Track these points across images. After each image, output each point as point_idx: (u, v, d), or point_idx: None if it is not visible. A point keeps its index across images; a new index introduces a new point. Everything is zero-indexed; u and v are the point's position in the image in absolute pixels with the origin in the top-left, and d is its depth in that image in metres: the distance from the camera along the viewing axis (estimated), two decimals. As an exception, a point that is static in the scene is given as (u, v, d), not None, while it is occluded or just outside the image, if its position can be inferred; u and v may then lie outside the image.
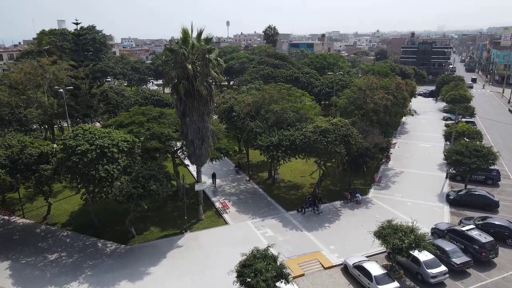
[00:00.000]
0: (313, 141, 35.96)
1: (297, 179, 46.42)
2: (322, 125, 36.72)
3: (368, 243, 30.85)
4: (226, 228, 34.87)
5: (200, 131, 32.85)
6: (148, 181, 29.06)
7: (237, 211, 38.20)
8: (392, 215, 36.01)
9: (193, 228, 35.06)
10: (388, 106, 44.66)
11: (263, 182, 45.62)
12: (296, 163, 51.40)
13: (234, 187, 44.32)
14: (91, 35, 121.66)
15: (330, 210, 38.25)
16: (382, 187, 43.76)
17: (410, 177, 46.33)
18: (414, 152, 55.90)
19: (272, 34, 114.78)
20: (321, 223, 35.58)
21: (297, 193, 42.47)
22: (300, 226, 35.02)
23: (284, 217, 36.72)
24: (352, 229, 34.39)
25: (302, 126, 39.68)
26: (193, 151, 33.50)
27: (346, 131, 36.75)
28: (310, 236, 33.24)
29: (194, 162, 34.38)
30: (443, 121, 73.94)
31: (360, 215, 37.14)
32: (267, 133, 40.21)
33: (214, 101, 33.15)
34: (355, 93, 44.88)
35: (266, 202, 40.26)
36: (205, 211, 38.24)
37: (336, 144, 35.63)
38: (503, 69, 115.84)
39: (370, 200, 40.34)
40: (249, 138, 41.89)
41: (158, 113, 39.16)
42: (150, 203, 40.01)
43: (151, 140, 34.98)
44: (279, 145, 38.22)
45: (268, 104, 42.85)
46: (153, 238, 33.39)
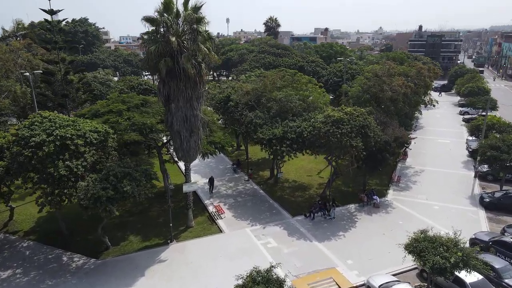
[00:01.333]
0: (324, 133, 30.09)
1: (303, 179, 40.57)
2: (335, 115, 30.85)
3: (393, 257, 25.07)
4: (220, 237, 29.03)
5: (188, 120, 27.03)
6: (121, 180, 23.22)
7: (233, 216, 32.35)
8: (418, 222, 30.30)
9: (180, 237, 29.21)
10: (407, 94, 38.79)
11: (264, 182, 39.79)
12: (302, 161, 45.54)
13: (231, 187, 38.49)
14: (83, 27, 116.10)
15: (344, 215, 32.39)
16: (402, 187, 37.90)
17: (433, 176, 40.46)
18: (432, 148, 50.02)
19: (273, 26, 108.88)
20: (334, 231, 29.72)
21: (304, 195, 36.62)
22: (309, 234, 29.17)
23: (289, 224, 30.88)
24: (372, 238, 28.53)
25: (310, 116, 33.83)
26: (179, 144, 27.67)
27: (363, 122, 30.87)
28: (322, 247, 27.39)
29: (182, 158, 28.53)
30: (460, 115, 68.06)
31: (379, 221, 31.28)
32: (269, 124, 34.36)
33: (204, 83, 27.27)
34: (370, 80, 39.02)
35: (268, 205, 34.42)
36: (196, 216, 32.42)
37: (352, 137, 29.75)
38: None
39: (390, 203, 34.48)
40: (248, 131, 36.03)
41: (141, 101, 33.31)
42: (133, 206, 34.53)
43: (131, 132, 29.13)
44: (283, 138, 32.36)
45: (270, 92, 36.99)
46: (132, 250, 27.54)
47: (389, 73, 39.03)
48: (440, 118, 66.91)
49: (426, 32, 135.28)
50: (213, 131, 34.70)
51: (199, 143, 28.49)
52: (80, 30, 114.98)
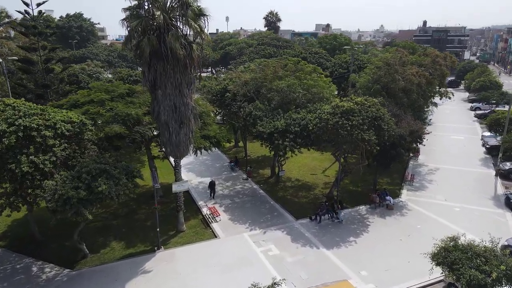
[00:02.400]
0: (333, 125, 26.56)
1: (307, 178, 37.04)
2: (344, 105, 27.33)
3: (414, 267, 21.69)
4: (214, 244, 25.50)
5: (177, 109, 23.55)
6: (96, 178, 19.68)
7: (230, 219, 28.83)
8: (438, 225, 26.89)
9: (169, 243, 25.69)
10: (421, 85, 35.23)
11: (264, 182, 36.26)
12: (305, 158, 42.08)
13: (228, 187, 34.96)
14: (77, 22, 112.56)
15: (354, 218, 28.86)
16: (416, 187, 34.36)
17: (449, 175, 36.93)
18: (445, 145, 46.47)
19: (273, 21, 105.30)
20: (343, 236, 26.19)
21: (308, 195, 33.09)
22: (315, 240, 25.64)
23: (292, 228, 27.36)
24: (388, 245, 25.01)
25: (315, 108, 30.32)
26: (168, 137, 24.16)
27: (376, 113, 27.35)
28: (331, 255, 23.86)
29: (171, 153, 25.03)
30: (471, 111, 64.52)
31: (394, 224, 27.76)
32: (270, 117, 30.84)
33: (196, 67, 23.74)
34: (381, 69, 35.47)
35: (269, 207, 30.89)
36: (188, 219, 28.92)
37: (364, 130, 26.23)
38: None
39: (405, 205, 30.94)
40: (247, 125, 32.51)
41: (127, 90, 29.80)
42: (119, 208, 31.01)
43: (113, 124, 25.61)
44: (285, 131, 28.85)
45: (271, 81, 33.46)
46: (113, 258, 24.02)
47: (401, 61, 35.47)
48: (450, 114, 63.34)
49: (430, 27, 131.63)
50: (208, 124, 31.17)
51: (191, 136, 24.97)
52: (75, 25, 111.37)
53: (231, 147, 47.15)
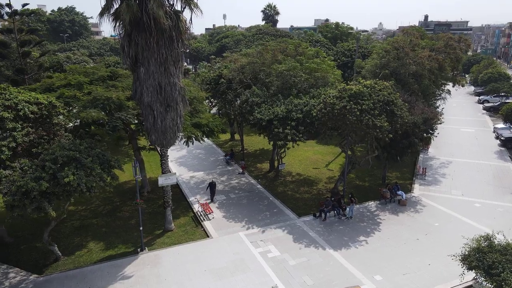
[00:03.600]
0: (339, 110, 23.51)
1: (309, 172, 33.98)
2: (352, 88, 24.30)
3: (436, 270, 18.74)
4: (206, 244, 22.39)
5: (163, 90, 20.47)
6: (62, 168, 16.55)
7: (224, 216, 25.76)
8: (459, 223, 23.95)
9: (154, 244, 22.58)
10: (433, 70, 32.21)
11: (263, 176, 33.18)
12: (306, 152, 39.12)
13: (223, 182, 31.84)
14: (69, 16, 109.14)
15: (363, 215, 25.82)
16: (429, 181, 31.36)
17: (464, 168, 33.95)
18: (456, 137, 43.52)
19: (272, 14, 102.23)
20: (352, 235, 23.15)
21: (311, 191, 30.03)
22: (320, 240, 22.59)
23: (294, 226, 24.30)
24: (404, 245, 21.97)
25: (319, 93, 27.30)
26: (152, 123, 21.07)
27: (388, 97, 24.33)
28: (339, 257, 20.80)
29: (156, 141, 21.86)
30: (479, 104, 61.65)
31: (409, 222, 24.73)
32: (268, 103, 27.79)
33: (184, 40, 20.62)
34: (390, 53, 32.44)
35: (268, 203, 27.83)
36: (178, 216, 25.86)
37: (375, 115, 23.20)
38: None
39: (418, 200, 27.93)
40: (243, 113, 29.42)
41: (108, 73, 26.68)
42: (100, 205, 27.86)
43: (90, 109, 22.46)
44: (286, 118, 25.81)
45: (269, 66, 30.39)
46: (89, 262, 20.89)
47: (411, 44, 32.43)
48: (457, 107, 60.44)
49: (432, 21, 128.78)
50: (200, 111, 28.07)
51: (179, 122, 21.88)
52: (66, 19, 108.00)
53: (227, 140, 44.13)
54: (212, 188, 27.84)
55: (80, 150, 17.77)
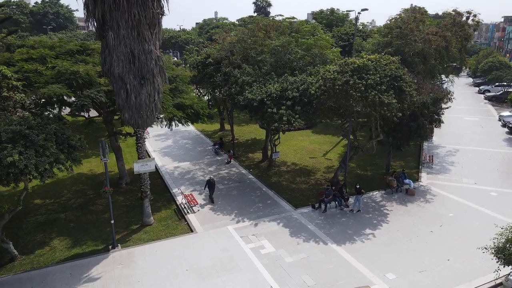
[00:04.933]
0: (341, 85, 20.62)
1: (305, 161, 31.08)
2: (356, 61, 21.44)
3: (456, 266, 16.03)
4: (189, 240, 19.34)
5: (136, 59, 17.42)
6: (5, 146, 13.38)
7: (211, 208, 22.73)
8: (475, 213, 21.44)
9: (129, 240, 19.49)
10: (440, 50, 29.50)
11: (255, 166, 30.21)
12: (302, 141, 36.28)
13: (211, 172, 28.79)
14: (54, 8, 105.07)
15: (368, 206, 22.97)
16: (436, 170, 28.66)
17: (473, 156, 31.35)
18: (461, 126, 41.03)
19: (264, 6, 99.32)
20: (357, 228, 20.28)
21: (309, 181, 27.13)
22: (321, 234, 19.68)
23: (291, 219, 21.37)
24: (416, 238, 19.15)
25: (317, 70, 24.41)
26: (125, 98, 18.00)
27: (396, 72, 21.49)
28: (343, 253, 17.93)
29: (130, 121, 18.75)
30: (480, 94, 59.35)
31: (420, 213, 21.93)
32: (261, 82, 24.82)
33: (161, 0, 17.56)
34: (392, 30, 29.67)
35: (261, 194, 24.87)
36: (159, 209, 22.79)
37: (382, 91, 20.35)
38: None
39: (427, 189, 25.18)
40: (232, 94, 26.38)
41: (78, 47, 23.50)
42: (72, 197, 24.65)
43: (54, 84, 19.28)
44: (281, 98, 22.86)
45: (262, 43, 27.41)
46: (50, 261, 17.74)
47: (416, 21, 29.66)
48: (458, 96, 57.55)
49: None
50: (183, 91, 25.02)
51: (157, 99, 18.82)
52: (50, 12, 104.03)
53: (216, 130, 41.10)
54: (211, 186, 23.41)
55: (31, 126, 14.61)
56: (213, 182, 23.57)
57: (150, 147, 34.86)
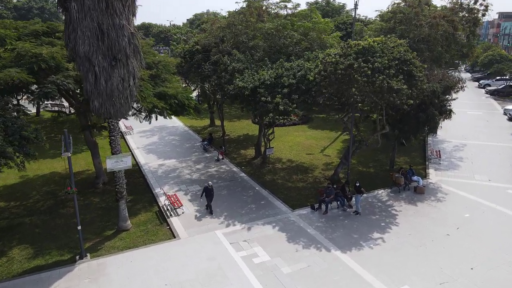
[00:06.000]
0: (344, 70, 18.16)
1: (302, 158, 28.59)
2: (361, 43, 19.00)
3: (483, 275, 13.59)
4: (171, 248, 16.72)
5: (106, 35, 14.79)
6: None
7: (198, 211, 20.12)
8: (494, 213, 19.12)
9: (101, 249, 16.81)
10: (447, 36, 27.20)
11: (247, 163, 27.66)
12: (297, 137, 33.86)
13: (199, 170, 26.20)
14: (38, 3, 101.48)
15: (373, 206, 20.53)
16: (445, 166, 26.36)
17: (482, 151, 29.17)
18: (464, 120, 38.84)
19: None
20: (363, 231, 17.82)
21: (306, 179, 24.64)
22: (323, 239, 17.19)
23: (288, 222, 18.85)
24: (431, 243, 16.74)
25: (316, 55, 21.94)
26: (93, 83, 15.33)
27: (405, 54, 19.07)
28: (349, 261, 15.45)
29: (100, 110, 16.03)
30: (480, 88, 57.48)
31: (431, 213, 19.55)
32: (253, 68, 22.29)
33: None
34: (396, 15, 27.31)
35: (253, 193, 22.31)
36: (139, 212, 20.15)
37: (390, 75, 17.93)
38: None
39: (437, 187, 22.83)
40: (221, 84, 23.83)
41: (45, 28, 20.74)
42: (40, 200, 21.86)
43: (12, 68, 16.54)
44: (276, 85, 20.35)
45: (254, 28, 24.88)
46: (5, 275, 15.01)
47: (421, 3, 27.30)
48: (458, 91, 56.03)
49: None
50: (166, 79, 22.37)
51: (132, 84, 16.17)
52: (35, 7, 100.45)
53: (206, 126, 38.48)
54: (208, 194, 19.62)
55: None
56: (212, 189, 19.61)
57: (134, 143, 32.13)
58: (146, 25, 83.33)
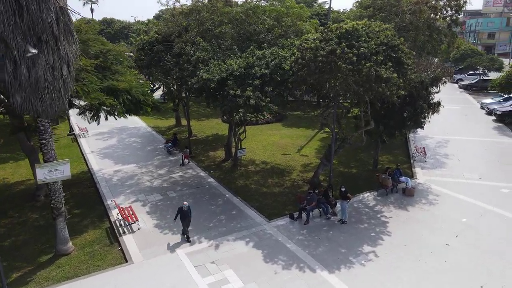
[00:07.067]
0: (326, 56, 15.57)
1: (277, 159, 25.91)
2: (343, 26, 16.49)
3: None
4: (120, 276, 13.52)
5: (25, 10, 11.43)
6: None
7: (157, 225, 16.97)
8: (492, 216, 16.92)
9: (31, 281, 13.40)
10: (430, 23, 25.40)
11: (216, 166, 24.67)
12: (271, 135, 31.27)
13: (161, 176, 22.99)
14: None
15: (359, 212, 18.10)
16: (431, 164, 24.42)
17: (467, 147, 27.54)
18: (444, 115, 36.90)
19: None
20: (351, 244, 15.28)
21: (283, 182, 21.95)
22: (305, 256, 14.51)
23: (264, 236, 16.05)
24: (429, 255, 14.42)
25: (292, 42, 19.29)
26: (12, 71, 11.92)
27: (392, 39, 16.71)
28: (338, 283, 12.85)
29: (24, 107, 12.61)
30: (453, 83, 56.92)
31: (425, 218, 17.31)
32: (220, 58, 19.35)
33: None
34: (376, 2, 25.15)
35: (223, 202, 19.38)
36: (85, 230, 16.78)
37: (378, 62, 15.48)
38: (487, 39, 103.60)
39: (427, 188, 20.72)
40: (184, 77, 20.76)
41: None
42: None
43: None
44: (246, 77, 17.52)
45: (221, 12, 21.93)
46: None
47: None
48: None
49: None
50: (118, 72, 19.04)
51: (66, 74, 12.85)
52: None
53: (172, 126, 35.16)
54: (184, 216, 15.46)
55: None
56: (188, 210, 15.55)
57: (88, 147, 28.41)
58: (108, 20, 78.43)
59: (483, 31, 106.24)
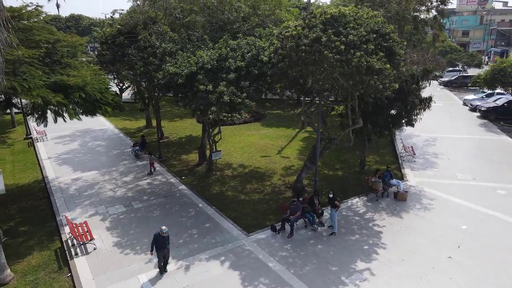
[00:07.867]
0: (309, 45, 13.52)
1: (256, 162, 23.77)
2: (329, 11, 14.51)
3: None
4: (67, 311, 11.06)
5: None
6: None
7: (116, 244, 14.49)
8: (493, 221, 15.26)
9: (-49, 324, 10.75)
10: (416, 15, 23.94)
11: (189, 171, 22.30)
12: (250, 136, 29.19)
13: (126, 184, 20.43)
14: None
15: (349, 221, 16.17)
16: (421, 164, 22.86)
17: (456, 145, 26.25)
18: (427, 112, 36.09)
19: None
20: (342, 260, 13.30)
21: (263, 188, 19.82)
22: (290, 277, 12.41)
23: (242, 253, 13.85)
24: (430, 271, 12.59)
25: (270, 31, 17.17)
26: None
27: (381, 26, 14.84)
28: (331, 312, 10.80)
29: None
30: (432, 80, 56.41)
31: (422, 227, 15.53)
32: (189, 50, 17.04)
33: None
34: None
35: (195, 213, 17.07)
36: (31, 251, 14.15)
37: (368, 52, 13.54)
38: (462, 36, 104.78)
39: (419, 191, 19.03)
40: (149, 72, 18.31)
41: None
42: None
43: None
44: (219, 70, 15.28)
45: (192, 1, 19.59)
46: None
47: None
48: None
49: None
50: (70, 66, 16.42)
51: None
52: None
53: (142, 128, 32.50)
54: (161, 245, 12.25)
55: None
56: (167, 237, 12.32)
57: (45, 153, 25.48)
58: (76, 16, 74.30)
59: (458, 29, 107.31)
